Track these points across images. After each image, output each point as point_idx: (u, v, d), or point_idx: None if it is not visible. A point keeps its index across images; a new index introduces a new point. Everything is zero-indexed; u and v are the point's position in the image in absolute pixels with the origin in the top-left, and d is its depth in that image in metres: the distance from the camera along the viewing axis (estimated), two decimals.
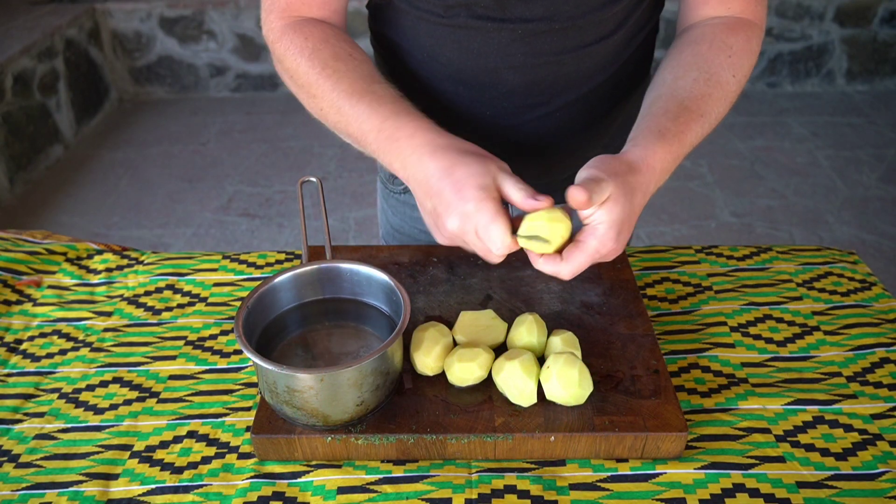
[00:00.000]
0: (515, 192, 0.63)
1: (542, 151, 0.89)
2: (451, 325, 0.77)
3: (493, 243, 0.63)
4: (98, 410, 0.75)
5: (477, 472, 0.67)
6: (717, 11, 0.80)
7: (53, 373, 0.80)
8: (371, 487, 0.66)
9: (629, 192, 0.64)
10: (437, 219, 0.66)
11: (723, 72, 0.74)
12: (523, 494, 0.65)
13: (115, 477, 0.68)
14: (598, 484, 0.66)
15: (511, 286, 0.85)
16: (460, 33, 0.79)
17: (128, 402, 0.76)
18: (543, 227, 0.63)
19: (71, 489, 0.67)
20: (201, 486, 0.67)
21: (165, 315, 0.88)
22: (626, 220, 0.64)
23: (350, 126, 0.73)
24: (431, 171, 0.65)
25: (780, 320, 0.85)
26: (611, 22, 0.80)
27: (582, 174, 0.64)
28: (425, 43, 0.83)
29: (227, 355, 0.82)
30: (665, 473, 0.67)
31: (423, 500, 0.65)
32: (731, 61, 0.75)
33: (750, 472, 0.67)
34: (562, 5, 0.76)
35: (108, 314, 0.89)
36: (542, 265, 0.65)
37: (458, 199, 0.63)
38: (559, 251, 0.65)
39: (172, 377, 0.79)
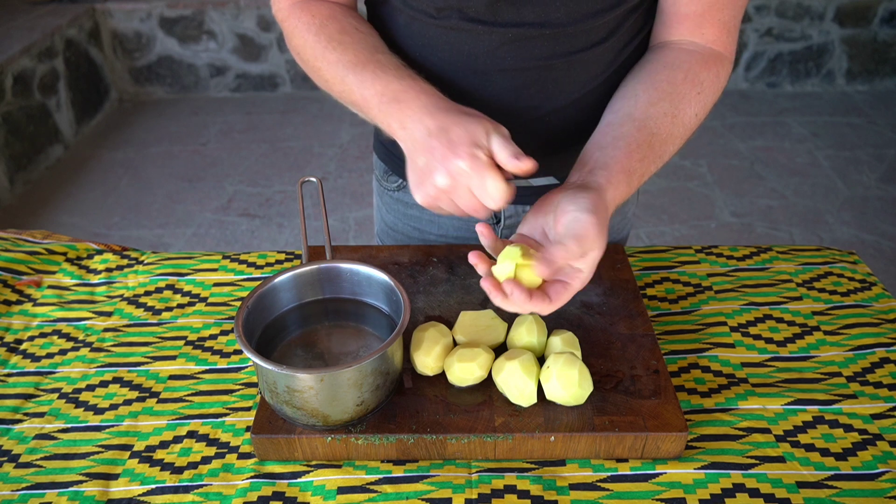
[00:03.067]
0: (501, 151, 0.65)
1: (532, 155, 0.89)
2: (451, 325, 0.77)
3: (490, 197, 0.65)
4: (98, 410, 0.75)
5: (477, 472, 0.67)
6: (692, 37, 0.80)
7: (53, 373, 0.80)
8: (371, 487, 0.66)
9: (604, 234, 0.65)
10: (425, 176, 0.68)
11: (689, 110, 0.76)
12: (523, 494, 0.65)
13: (115, 477, 0.68)
14: (598, 484, 0.66)
15: None
16: (451, 35, 0.80)
17: (128, 402, 0.76)
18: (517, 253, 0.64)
19: (71, 489, 0.67)
20: (201, 486, 0.67)
21: (165, 315, 0.88)
22: (602, 244, 0.65)
23: (354, 94, 0.76)
24: (430, 128, 0.68)
25: (780, 320, 0.85)
26: (602, 29, 0.80)
27: (577, 216, 0.64)
28: (417, 42, 0.83)
29: (227, 355, 0.82)
30: (665, 473, 0.67)
31: (423, 500, 0.65)
32: (699, 98, 0.77)
33: (750, 472, 0.67)
34: (553, 12, 0.76)
35: (108, 314, 0.89)
36: (529, 306, 0.64)
37: (452, 156, 0.65)
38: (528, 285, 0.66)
39: (172, 377, 0.79)
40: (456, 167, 0.64)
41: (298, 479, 0.67)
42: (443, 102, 0.70)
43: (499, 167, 0.64)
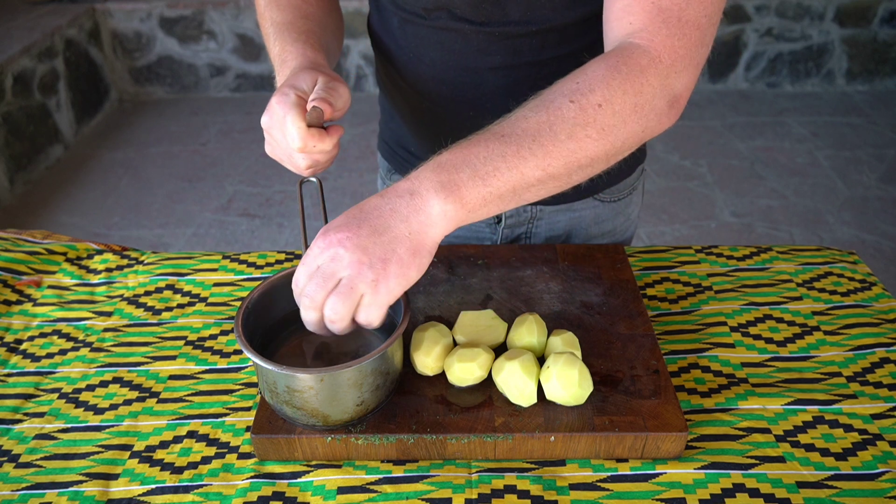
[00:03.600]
0: (313, 94, 0.68)
1: None
2: (451, 325, 0.77)
3: (289, 134, 0.67)
4: (98, 410, 0.75)
5: (477, 472, 0.67)
6: (620, 27, 0.68)
7: (53, 373, 0.80)
8: (371, 487, 0.66)
9: (350, 214, 0.62)
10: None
11: (558, 98, 0.63)
12: (523, 494, 0.65)
13: (115, 477, 0.68)
14: (598, 484, 0.66)
15: (511, 286, 0.85)
16: (442, 34, 0.81)
17: (128, 402, 0.76)
18: None
19: (71, 489, 0.67)
20: (201, 486, 0.67)
21: (165, 315, 0.88)
22: (338, 226, 0.61)
23: (271, 52, 0.81)
24: (282, 84, 0.72)
25: (780, 320, 0.85)
26: (591, 26, 0.80)
27: None
28: (411, 43, 0.85)
29: (227, 355, 0.82)
30: (665, 473, 0.67)
31: (423, 500, 0.65)
32: (576, 87, 0.64)
33: (750, 472, 0.67)
34: (538, 10, 0.76)
35: (108, 314, 0.89)
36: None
37: (272, 97, 0.69)
38: None
39: (172, 377, 0.79)
40: (270, 106, 0.68)
41: (298, 479, 0.67)
42: (310, 64, 0.73)
43: (303, 109, 0.67)
